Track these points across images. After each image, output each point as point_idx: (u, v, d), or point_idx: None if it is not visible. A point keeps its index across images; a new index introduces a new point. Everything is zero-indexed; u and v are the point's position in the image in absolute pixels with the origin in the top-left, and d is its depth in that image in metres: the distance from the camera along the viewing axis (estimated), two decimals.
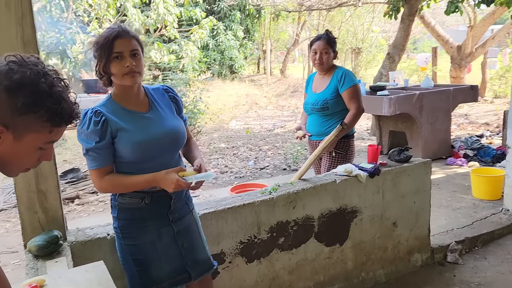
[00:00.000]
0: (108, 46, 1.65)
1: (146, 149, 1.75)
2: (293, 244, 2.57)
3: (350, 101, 2.89)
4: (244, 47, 18.50)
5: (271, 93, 15.95)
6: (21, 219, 1.85)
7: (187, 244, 1.93)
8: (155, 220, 1.85)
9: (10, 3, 1.67)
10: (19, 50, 1.65)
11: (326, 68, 2.94)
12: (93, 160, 1.72)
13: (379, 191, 2.84)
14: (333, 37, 2.93)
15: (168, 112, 1.87)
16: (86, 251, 1.97)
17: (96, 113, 1.69)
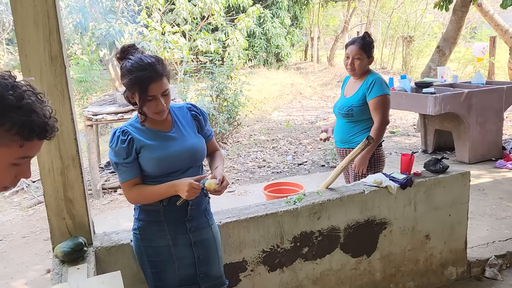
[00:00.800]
0: (143, 90, 1.73)
1: (166, 164, 1.85)
2: (317, 254, 2.54)
3: (374, 112, 2.77)
4: (291, 35, 18.31)
5: (317, 82, 15.70)
6: (50, 225, 1.95)
7: (202, 257, 1.97)
8: (172, 225, 1.91)
9: (38, 21, 1.74)
10: (47, 65, 1.73)
11: (359, 74, 2.84)
12: (122, 173, 1.84)
13: (411, 203, 2.73)
14: (369, 42, 2.80)
15: (189, 131, 1.95)
16: (111, 256, 2.05)
17: (123, 132, 1.83)
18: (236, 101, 7.06)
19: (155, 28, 10.28)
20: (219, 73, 6.91)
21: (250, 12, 12.95)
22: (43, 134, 0.99)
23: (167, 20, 12.12)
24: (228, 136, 7.42)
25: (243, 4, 13.45)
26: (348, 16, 20.85)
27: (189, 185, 1.76)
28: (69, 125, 1.87)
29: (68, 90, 1.84)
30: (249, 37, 16.41)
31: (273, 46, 17.06)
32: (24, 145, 0.97)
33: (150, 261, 1.92)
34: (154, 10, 12.24)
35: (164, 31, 10.40)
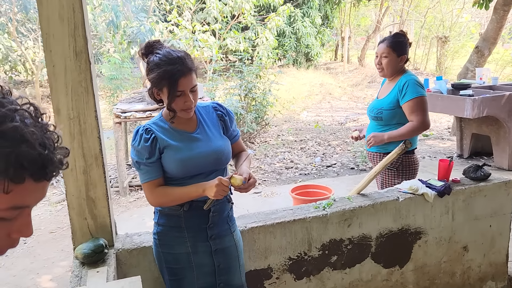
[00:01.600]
0: (173, 84, 1.65)
1: (189, 166, 1.76)
2: (346, 264, 2.41)
3: (412, 114, 2.55)
4: (322, 34, 18.08)
5: (347, 82, 15.42)
6: (71, 224, 1.91)
7: (223, 265, 1.88)
8: (193, 232, 1.82)
9: (63, 16, 1.69)
10: (71, 60, 1.68)
11: (389, 74, 2.66)
12: (144, 174, 1.76)
13: (449, 212, 2.56)
14: (400, 41, 2.61)
15: (215, 132, 1.86)
16: (132, 258, 1.99)
17: (147, 130, 1.74)
18: (264, 100, 6.96)
19: (185, 27, 10.32)
20: (248, 72, 6.83)
21: (280, 11, 12.87)
22: (40, 173, 0.66)
23: (197, 19, 12.17)
24: (256, 136, 7.33)
25: (273, 3, 13.37)
26: (381, 16, 20.42)
27: (218, 180, 1.66)
28: (93, 122, 1.82)
29: (92, 86, 1.79)
30: (279, 37, 16.31)
31: (303, 46, 16.90)
32: (10, 190, 0.64)
33: (168, 268, 1.84)
34: (185, 9, 12.32)
35: (194, 29, 10.43)
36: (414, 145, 2.72)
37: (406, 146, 2.35)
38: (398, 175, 2.67)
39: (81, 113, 1.80)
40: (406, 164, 2.66)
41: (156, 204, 1.81)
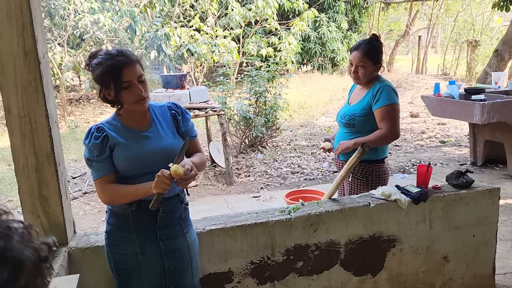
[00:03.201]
0: (117, 76, 1.66)
1: (138, 164, 1.77)
2: (313, 270, 2.35)
3: (382, 122, 2.42)
4: (348, 39, 17.83)
5: None
6: None
7: (174, 267, 1.86)
8: (141, 232, 1.81)
9: (11, 16, 1.73)
10: (20, 60, 1.72)
11: (364, 82, 2.53)
12: (95, 170, 1.77)
13: (426, 219, 2.45)
14: (375, 47, 2.48)
15: (167, 131, 1.86)
16: (85, 257, 2.01)
17: (98, 129, 1.76)
18: (275, 104, 6.92)
19: (206, 32, 10.44)
20: (259, 76, 6.81)
21: (304, 16, 12.83)
22: None
23: (220, 25, 12.29)
24: (266, 140, 7.29)
25: (298, 8, 13.34)
26: (410, 20, 19.98)
27: (160, 172, 1.64)
28: (44, 121, 1.85)
29: (42, 86, 1.82)
30: (304, 41, 16.24)
31: (328, 51, 16.75)
32: None
33: (116, 268, 1.85)
34: (209, 15, 12.48)
35: (216, 34, 10.53)
36: (384, 154, 2.59)
37: (364, 150, 2.26)
38: (368, 185, 2.54)
39: (31, 111, 1.84)
40: (376, 174, 2.54)
41: (107, 202, 1.81)
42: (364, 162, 2.52)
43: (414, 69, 19.49)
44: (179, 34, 9.42)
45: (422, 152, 6.71)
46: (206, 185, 5.51)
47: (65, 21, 10.10)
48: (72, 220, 2.10)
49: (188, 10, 13.47)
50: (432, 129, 8.40)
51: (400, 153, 6.69)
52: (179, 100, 5.28)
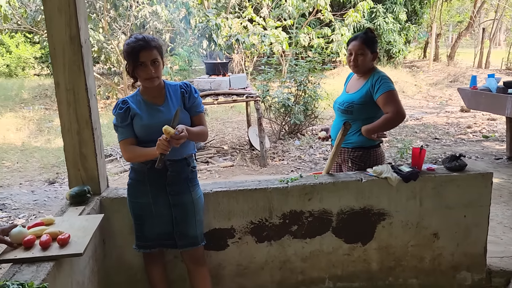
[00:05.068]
0: (135, 56, 2.09)
1: (151, 131, 2.16)
2: (307, 234, 2.66)
3: (386, 106, 2.61)
4: (407, 31, 17.37)
5: (426, 81, 14.78)
6: (68, 174, 2.44)
7: (179, 218, 2.27)
8: (154, 186, 2.24)
9: (61, 9, 2.20)
10: (67, 44, 2.19)
11: (363, 71, 2.73)
12: (119, 134, 2.23)
13: (416, 197, 2.67)
14: (372, 37, 2.69)
15: (176, 106, 2.24)
16: (114, 205, 2.47)
17: (123, 102, 2.22)
18: (314, 94, 7.17)
19: (258, 23, 10.79)
20: (299, 66, 7.09)
21: (360, 7, 12.77)
22: None
23: (273, 15, 12.59)
24: (305, 128, 7.56)
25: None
26: (475, 11, 19.06)
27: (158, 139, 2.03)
28: (84, 94, 2.32)
29: (83, 65, 2.29)
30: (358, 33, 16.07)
31: (383, 42, 16.44)
32: None
33: (134, 214, 2.30)
34: (264, 6, 12.82)
35: (268, 25, 10.85)
36: (379, 139, 2.80)
37: (346, 128, 2.51)
38: (366, 169, 2.77)
39: (75, 85, 2.31)
40: (373, 158, 2.76)
41: (127, 159, 2.25)
42: (362, 148, 2.76)
43: (477, 62, 18.63)
44: (230, 25, 9.86)
45: (461, 145, 6.67)
46: (242, 166, 5.92)
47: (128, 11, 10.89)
48: (105, 176, 2.57)
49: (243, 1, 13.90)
50: (479, 124, 8.23)
51: (437, 146, 6.69)
52: (219, 86, 5.71)
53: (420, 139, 7.05)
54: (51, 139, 7.66)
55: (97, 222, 2.03)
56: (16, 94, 11.35)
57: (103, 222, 2.21)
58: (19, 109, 9.95)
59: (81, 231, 1.91)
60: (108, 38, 10.55)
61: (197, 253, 2.36)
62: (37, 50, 14.54)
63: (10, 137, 7.91)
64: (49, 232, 1.85)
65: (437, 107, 10.72)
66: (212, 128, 8.38)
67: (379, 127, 2.67)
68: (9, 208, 4.55)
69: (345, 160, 2.84)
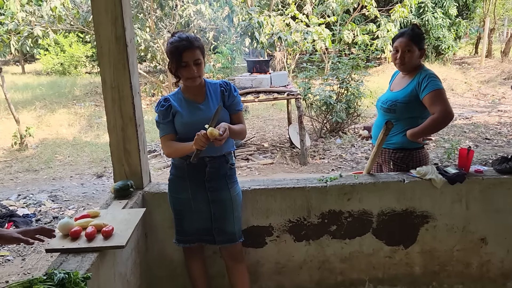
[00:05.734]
0: (179, 56, 2.13)
1: (191, 128, 2.18)
2: (346, 235, 2.62)
3: (433, 105, 2.49)
4: (457, 26, 16.66)
5: (477, 78, 14.11)
6: (113, 169, 2.53)
7: (218, 214, 2.30)
8: (193, 182, 2.28)
9: (107, 9, 2.28)
10: (113, 43, 2.27)
11: (409, 68, 2.62)
12: (161, 130, 2.29)
13: (462, 200, 2.56)
14: (419, 33, 2.59)
15: (216, 104, 2.27)
16: (155, 200, 2.54)
17: (165, 99, 2.27)
18: (357, 91, 7.03)
19: (301, 20, 10.72)
20: (342, 63, 6.97)
21: (407, 2, 12.40)
22: None
23: (317, 12, 12.47)
24: (347, 126, 7.44)
25: None
26: None
27: (197, 135, 2.05)
28: (128, 91, 2.40)
29: (128, 64, 2.36)
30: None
31: (432, 38, 15.85)
32: None
33: (174, 209, 2.35)
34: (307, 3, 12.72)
35: (311, 22, 10.75)
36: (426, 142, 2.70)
37: (388, 127, 2.43)
38: (407, 171, 2.68)
39: (120, 83, 2.39)
40: (416, 160, 2.66)
41: (166, 154, 2.30)
42: (404, 149, 2.66)
43: None
44: (273, 23, 9.85)
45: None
46: (282, 164, 5.92)
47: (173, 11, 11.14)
48: (148, 171, 2.65)
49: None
50: None
51: (488, 147, 6.38)
52: (260, 83, 5.73)
53: (469, 139, 6.75)
54: (100, 134, 7.99)
55: (139, 216, 2.10)
56: (69, 91, 11.92)
57: (145, 216, 2.28)
58: (72, 106, 10.45)
59: (123, 224, 1.98)
60: (154, 37, 10.83)
61: (235, 250, 2.38)
62: (88, 49, 15.21)
63: (63, 132, 8.31)
64: (94, 224, 1.93)
65: (489, 105, 10.21)
66: (252, 126, 8.42)
67: (425, 130, 2.55)
68: (60, 200, 4.79)
69: (386, 161, 2.76)
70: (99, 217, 2.09)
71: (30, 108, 9.80)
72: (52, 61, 15.23)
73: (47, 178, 5.79)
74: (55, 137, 7.99)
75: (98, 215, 2.10)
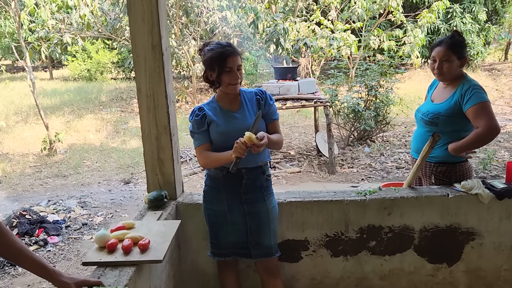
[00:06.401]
0: (222, 61, 2.09)
1: (227, 138, 2.14)
2: (386, 251, 2.51)
3: (477, 119, 2.35)
4: (486, 32, 16.26)
5: (509, 85, 13.70)
6: (146, 178, 2.49)
7: (254, 227, 2.23)
8: (229, 193, 2.22)
9: (144, 18, 2.25)
10: (149, 52, 2.24)
11: (449, 79, 2.49)
12: (196, 140, 2.23)
13: (510, 217, 2.42)
14: (459, 41, 2.45)
15: (252, 113, 2.22)
16: (189, 211, 2.48)
17: (199, 109, 2.21)
18: (386, 99, 6.87)
19: (326, 26, 10.62)
20: (370, 70, 6.84)
21: (434, 8, 12.16)
22: None
23: (342, 18, 12.34)
24: (376, 134, 7.28)
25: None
26: None
27: (237, 142, 2.00)
28: (163, 100, 2.36)
29: (164, 72, 2.32)
30: (433, 35, 15.34)
31: None
32: None
33: (209, 221, 2.29)
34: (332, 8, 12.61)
35: (336, 28, 10.64)
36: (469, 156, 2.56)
37: (435, 139, 2.30)
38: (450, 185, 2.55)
39: (155, 92, 2.35)
40: (459, 174, 2.52)
41: (203, 164, 2.25)
42: (446, 163, 2.53)
43: None
44: (298, 29, 9.79)
45: None
46: (309, 172, 5.81)
47: (199, 18, 11.21)
48: (181, 181, 2.60)
49: (311, 4, 13.77)
50: None
51: None
52: (288, 90, 5.65)
53: (504, 149, 6.50)
54: (126, 140, 8.04)
55: (175, 228, 2.04)
56: (95, 97, 12.10)
57: (179, 227, 2.22)
58: (98, 111, 10.58)
59: (159, 237, 1.93)
60: (179, 44, 10.91)
61: (271, 264, 2.30)
62: (114, 56, 15.44)
63: (90, 137, 8.41)
64: (130, 236, 1.89)
65: None
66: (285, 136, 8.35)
67: (468, 145, 2.41)
68: (89, 206, 4.81)
69: (426, 175, 2.63)
70: (134, 228, 2.05)
71: (58, 114, 9.97)
72: (79, 67, 15.52)
73: (75, 183, 5.83)
74: (83, 142, 8.09)
75: (133, 227, 2.06)
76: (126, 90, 13.35)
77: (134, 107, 11.32)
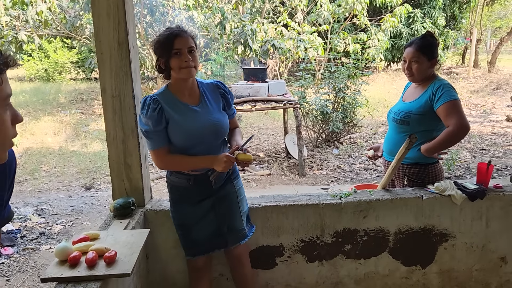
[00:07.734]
0: (169, 44, 1.91)
1: (191, 137, 1.98)
2: (361, 254, 2.47)
3: (448, 118, 2.34)
4: (445, 36, 16.85)
5: (467, 88, 14.24)
6: (112, 184, 2.34)
7: (223, 210, 2.13)
8: (197, 197, 2.10)
9: (110, 13, 2.10)
10: (115, 49, 2.09)
11: (419, 79, 2.48)
12: (152, 142, 1.97)
13: (482, 217, 2.44)
14: (430, 42, 2.44)
15: (215, 107, 2.07)
16: (158, 219, 2.35)
17: (154, 101, 1.94)
18: (353, 101, 6.93)
19: (293, 28, 10.66)
20: (338, 72, 6.88)
21: (396, 12, 12.47)
22: None
23: (308, 21, 12.43)
24: (344, 136, 7.33)
25: (391, 3, 12.99)
26: None
27: (226, 157, 1.91)
28: (130, 101, 2.22)
29: (131, 71, 2.18)
30: (395, 38, 15.75)
31: None
32: None
33: (177, 224, 2.15)
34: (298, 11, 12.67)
35: (303, 30, 10.69)
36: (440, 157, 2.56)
37: (411, 141, 2.29)
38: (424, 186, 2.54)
39: (121, 92, 2.21)
40: (431, 175, 2.52)
41: (164, 168, 2.07)
42: (419, 165, 2.52)
43: None
44: (266, 30, 9.76)
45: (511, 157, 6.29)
46: (279, 175, 5.76)
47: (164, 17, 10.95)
48: (149, 187, 2.46)
49: (278, 6, 13.81)
50: None
51: (486, 158, 6.33)
52: (258, 92, 5.58)
53: (466, 150, 6.70)
54: (87, 143, 7.71)
55: (144, 238, 1.92)
56: (53, 98, 11.59)
57: (147, 236, 2.08)
58: (57, 113, 10.13)
59: (127, 248, 1.79)
60: (144, 43, 10.62)
61: (246, 254, 2.25)
62: (74, 55, 14.87)
63: (48, 141, 8.02)
64: (95, 248, 1.74)
65: (481, 115, 10.24)
66: (247, 135, 8.26)
67: (441, 144, 2.40)
68: (47, 214, 4.54)
69: (400, 177, 2.61)
70: (99, 239, 1.90)
71: None
72: (36, 67, 14.85)
73: (32, 190, 5.51)
74: (40, 146, 7.69)
75: (98, 237, 1.91)
76: (86, 91, 12.88)
77: (96, 108, 10.93)
